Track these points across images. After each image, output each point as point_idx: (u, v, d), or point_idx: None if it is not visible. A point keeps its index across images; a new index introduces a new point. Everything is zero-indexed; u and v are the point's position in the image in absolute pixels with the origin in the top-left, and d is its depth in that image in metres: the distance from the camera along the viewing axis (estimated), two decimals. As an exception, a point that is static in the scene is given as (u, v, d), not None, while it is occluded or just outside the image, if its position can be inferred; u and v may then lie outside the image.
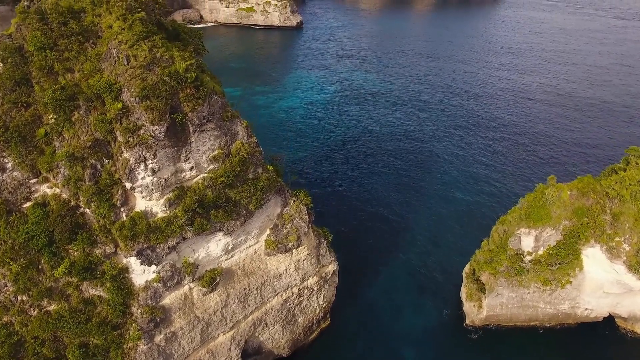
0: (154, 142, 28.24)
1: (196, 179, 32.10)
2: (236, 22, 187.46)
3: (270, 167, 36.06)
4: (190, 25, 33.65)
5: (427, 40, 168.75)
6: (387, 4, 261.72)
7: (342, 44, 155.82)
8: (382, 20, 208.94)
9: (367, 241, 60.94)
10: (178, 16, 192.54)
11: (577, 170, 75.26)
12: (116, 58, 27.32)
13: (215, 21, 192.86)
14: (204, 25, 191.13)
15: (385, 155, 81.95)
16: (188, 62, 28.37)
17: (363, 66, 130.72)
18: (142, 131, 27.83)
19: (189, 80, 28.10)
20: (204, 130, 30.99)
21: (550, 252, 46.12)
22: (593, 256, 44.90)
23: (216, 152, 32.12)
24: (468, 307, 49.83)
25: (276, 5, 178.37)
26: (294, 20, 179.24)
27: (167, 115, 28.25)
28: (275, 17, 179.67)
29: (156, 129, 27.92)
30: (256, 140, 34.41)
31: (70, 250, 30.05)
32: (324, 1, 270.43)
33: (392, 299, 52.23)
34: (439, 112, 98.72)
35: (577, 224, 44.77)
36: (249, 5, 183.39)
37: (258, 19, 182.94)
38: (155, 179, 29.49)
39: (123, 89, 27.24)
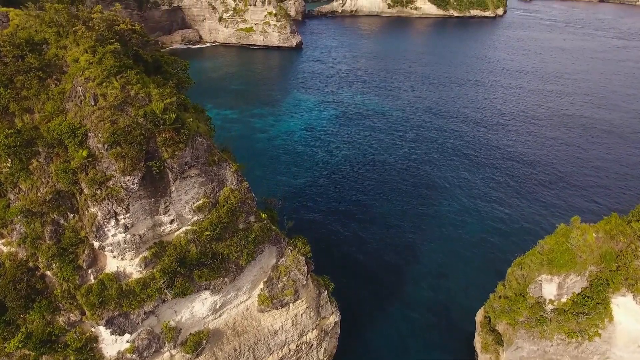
0: (126, 195, 24.05)
1: (178, 232, 27.82)
2: (235, 42, 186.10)
3: (263, 215, 31.74)
4: (175, 57, 29.71)
5: (427, 61, 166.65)
6: (386, 24, 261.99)
7: (341, 65, 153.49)
8: (381, 40, 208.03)
9: (371, 274, 56.40)
10: (177, 36, 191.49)
11: (596, 205, 71.21)
12: (82, 97, 23.35)
13: (215, 41, 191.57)
14: (203, 46, 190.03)
15: (387, 181, 77.83)
16: (167, 101, 24.40)
17: (363, 88, 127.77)
18: (111, 182, 23.67)
19: (167, 122, 24.07)
20: (186, 177, 26.84)
21: (576, 300, 41.57)
22: (625, 306, 40.28)
23: (201, 202, 27.90)
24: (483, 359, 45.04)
25: (275, 25, 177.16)
26: (293, 41, 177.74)
27: (142, 163, 24.13)
28: (274, 38, 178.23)
29: (128, 180, 23.76)
30: (247, 186, 30.19)
31: (28, 319, 25.54)
32: (324, 21, 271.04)
33: (398, 346, 47.38)
34: (442, 137, 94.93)
35: (605, 270, 40.36)
36: (248, 26, 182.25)
37: (257, 39, 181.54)
38: (128, 236, 25.19)
39: (89, 134, 23.20)
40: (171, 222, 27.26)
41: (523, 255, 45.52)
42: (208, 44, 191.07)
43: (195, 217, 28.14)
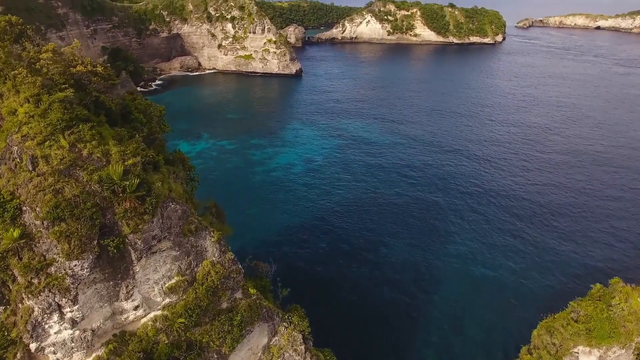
0: (73, 283, 18.69)
1: (144, 319, 22.30)
2: (234, 69, 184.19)
3: (252, 291, 26.21)
4: (149, 101, 24.77)
5: (429, 90, 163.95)
6: (386, 50, 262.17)
7: (341, 94, 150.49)
8: (382, 68, 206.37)
9: (374, 329, 50.24)
10: (176, 63, 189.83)
11: (619, 254, 65.50)
12: (18, 160, 18.32)
13: (214, 68, 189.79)
14: (202, 73, 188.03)
15: (391, 221, 72.29)
16: (129, 162, 19.38)
17: (363, 118, 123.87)
18: (53, 268, 18.36)
19: (128, 190, 18.94)
20: (155, 252, 21.52)
21: (619, 375, 35.65)
22: (679, 385, 34.42)
23: (174, 281, 22.50)
24: None
25: (275, 53, 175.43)
26: (293, 68, 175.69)
27: (95, 242, 18.89)
28: (274, 65, 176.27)
29: (76, 265, 18.46)
30: (232, 257, 24.80)
31: None
32: (324, 47, 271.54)
33: None
34: (444, 171, 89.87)
35: (654, 341, 34.59)
36: (247, 53, 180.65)
37: (257, 66, 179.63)
38: (77, 332, 19.70)
39: (24, 208, 18.04)
40: (135, 308, 21.80)
41: (550, 317, 39.84)
42: (207, 71, 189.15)
43: (167, 300, 22.68)
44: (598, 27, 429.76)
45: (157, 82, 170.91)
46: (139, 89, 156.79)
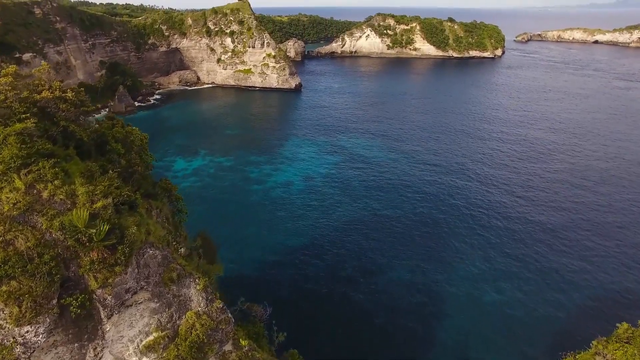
0: (24, 352, 15.65)
1: (116, 384, 19.15)
2: (234, 83, 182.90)
3: (244, 342, 23.08)
4: (132, 127, 21.92)
5: (429, 106, 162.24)
6: (386, 64, 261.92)
7: (341, 109, 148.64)
8: (382, 82, 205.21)
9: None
10: (175, 77, 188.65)
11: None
12: (-38, 206, 15.42)
13: (213, 83, 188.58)
14: (201, 87, 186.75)
15: (393, 243, 69.13)
16: (98, 205, 16.51)
17: (364, 134, 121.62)
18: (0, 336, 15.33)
19: (95, 239, 16.03)
20: (130, 306, 18.51)
21: None
22: None
23: (152, 337, 19.40)
24: None
25: (274, 67, 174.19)
26: (292, 83, 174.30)
27: (55, 301, 15.92)
28: (273, 79, 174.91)
29: (28, 332, 15.44)
30: (221, 305, 21.73)
31: None
32: (323, 61, 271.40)
33: None
34: (447, 193, 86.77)
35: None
36: (246, 67, 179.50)
37: (256, 80, 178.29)
38: (31, 406, 16.54)
39: (-32, 263, 15.09)
40: (106, 371, 18.66)
41: (570, 356, 36.49)
42: (206, 85, 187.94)
43: (145, 359, 19.56)
44: (596, 41, 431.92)
45: (156, 96, 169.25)
46: (137, 103, 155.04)
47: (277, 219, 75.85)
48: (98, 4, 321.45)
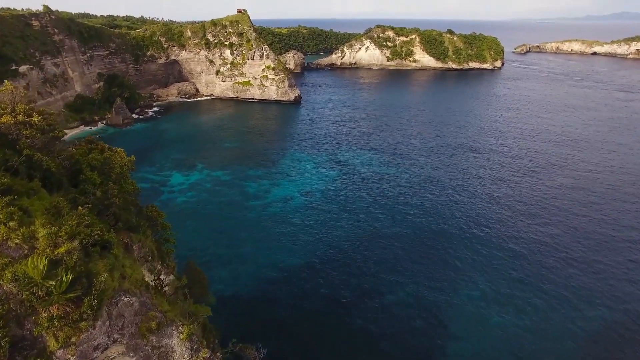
0: None
1: None
2: (232, 95, 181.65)
3: (234, 397, 20.47)
4: (114, 150, 19.37)
5: (430, 119, 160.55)
6: (386, 76, 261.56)
7: (341, 122, 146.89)
8: (382, 94, 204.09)
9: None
10: (173, 89, 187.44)
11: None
12: None
13: (211, 95, 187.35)
14: (200, 99, 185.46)
15: (395, 261, 66.44)
16: (61, 249, 14.10)
17: (364, 147, 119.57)
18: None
19: (55, 291, 13.60)
20: (101, 363, 15.98)
21: None
22: None
23: (127, 398, 16.83)
24: None
25: (274, 79, 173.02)
26: (291, 95, 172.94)
27: (4, 366, 13.41)
28: (272, 92, 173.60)
29: (-29, 405, 12.91)
30: (207, 355, 19.18)
31: None
32: (323, 73, 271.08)
33: None
34: (450, 211, 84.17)
35: None
36: (245, 79, 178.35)
37: (255, 92, 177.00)
38: None
39: None
40: None
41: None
42: (204, 97, 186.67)
43: None
44: (594, 53, 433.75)
45: (154, 108, 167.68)
46: (134, 115, 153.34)
47: (275, 236, 73.28)
48: (99, 16, 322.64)
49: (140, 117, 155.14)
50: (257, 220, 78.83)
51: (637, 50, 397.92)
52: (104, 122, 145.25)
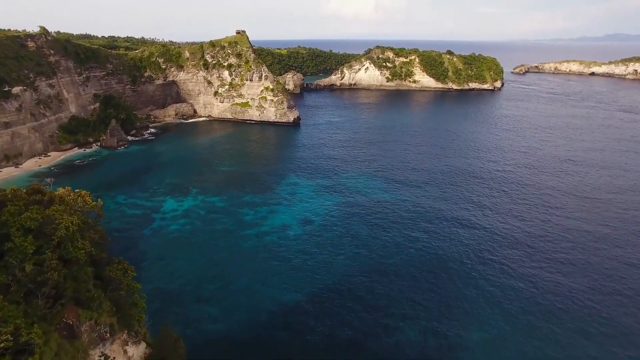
0: None
1: None
2: (230, 117, 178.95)
3: None
4: (81, 193, 14.89)
5: (432, 142, 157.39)
6: (386, 96, 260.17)
7: (340, 145, 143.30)
8: (382, 116, 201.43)
9: None
10: (171, 110, 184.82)
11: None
12: None
13: (209, 116, 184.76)
14: (197, 120, 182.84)
15: (400, 297, 61.44)
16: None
17: (365, 172, 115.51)
18: None
19: None
20: None
21: None
22: None
23: None
24: None
25: (272, 100, 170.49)
26: (290, 116, 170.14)
27: None
28: (271, 113, 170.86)
29: None
30: None
31: None
32: (323, 94, 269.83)
33: None
34: (458, 241, 79.46)
35: None
36: (244, 101, 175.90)
37: (253, 114, 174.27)
38: None
39: None
40: None
41: None
42: (202, 118, 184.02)
43: None
44: (592, 73, 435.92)
45: (150, 129, 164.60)
46: (129, 137, 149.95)
47: (272, 270, 68.42)
48: (100, 37, 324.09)
49: (136, 138, 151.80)
50: (253, 251, 74.11)
51: (635, 70, 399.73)
52: (99, 144, 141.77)
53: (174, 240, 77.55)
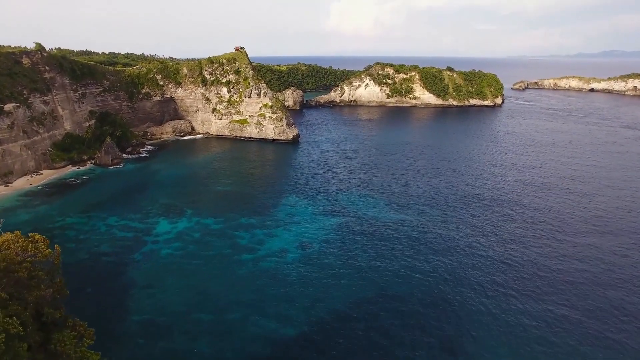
0: None
1: None
2: (229, 134, 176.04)
3: None
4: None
5: (434, 161, 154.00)
6: (386, 113, 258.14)
7: (341, 165, 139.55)
8: (383, 133, 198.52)
9: None
10: (168, 127, 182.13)
11: None
12: None
13: (207, 133, 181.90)
14: (195, 137, 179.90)
15: (404, 332, 56.87)
16: None
17: (366, 192, 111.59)
18: None
19: None
20: None
21: None
22: None
23: None
24: None
25: (271, 118, 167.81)
26: (289, 134, 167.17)
27: None
28: (270, 130, 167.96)
29: None
30: None
31: None
32: (322, 110, 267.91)
33: None
34: (462, 269, 75.27)
35: None
36: (242, 118, 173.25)
37: (252, 131, 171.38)
38: None
39: None
40: None
41: None
42: (200, 135, 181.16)
43: None
44: (592, 89, 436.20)
45: (147, 147, 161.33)
46: (125, 155, 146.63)
47: (268, 300, 64.01)
48: (100, 53, 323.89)
49: (132, 156, 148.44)
50: (248, 278, 69.77)
51: (635, 87, 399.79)
52: (93, 161, 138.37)
53: (164, 267, 73.26)
